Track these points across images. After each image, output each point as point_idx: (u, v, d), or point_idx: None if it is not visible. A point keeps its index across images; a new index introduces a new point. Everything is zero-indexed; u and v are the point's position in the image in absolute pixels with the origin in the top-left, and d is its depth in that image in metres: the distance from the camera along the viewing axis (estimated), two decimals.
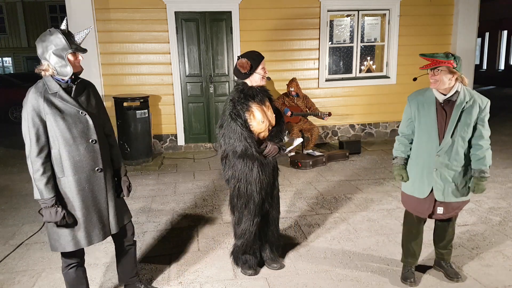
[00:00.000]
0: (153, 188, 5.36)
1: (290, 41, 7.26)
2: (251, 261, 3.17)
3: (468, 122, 2.66)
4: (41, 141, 2.29)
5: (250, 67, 2.86)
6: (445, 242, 3.02)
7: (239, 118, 2.81)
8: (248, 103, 2.87)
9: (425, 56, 2.66)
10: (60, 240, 2.41)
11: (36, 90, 2.30)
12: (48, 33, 2.32)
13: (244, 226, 3.03)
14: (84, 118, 2.38)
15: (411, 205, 2.93)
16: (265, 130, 2.95)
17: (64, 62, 2.31)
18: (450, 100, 2.68)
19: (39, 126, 2.28)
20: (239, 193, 2.97)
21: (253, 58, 2.90)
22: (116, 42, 6.66)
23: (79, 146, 2.36)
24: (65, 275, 2.58)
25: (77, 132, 2.35)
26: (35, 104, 2.27)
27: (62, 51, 2.30)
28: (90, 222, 2.44)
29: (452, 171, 2.75)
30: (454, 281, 2.98)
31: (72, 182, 2.37)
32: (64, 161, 2.34)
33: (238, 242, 3.13)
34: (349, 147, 6.76)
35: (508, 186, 5.08)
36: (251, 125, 2.87)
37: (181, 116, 7.26)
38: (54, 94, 2.32)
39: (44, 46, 2.32)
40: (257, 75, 2.91)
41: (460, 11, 7.52)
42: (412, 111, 2.82)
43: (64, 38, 2.30)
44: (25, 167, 6.41)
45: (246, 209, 2.99)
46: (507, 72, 18.68)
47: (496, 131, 8.34)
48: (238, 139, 2.79)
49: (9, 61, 22.99)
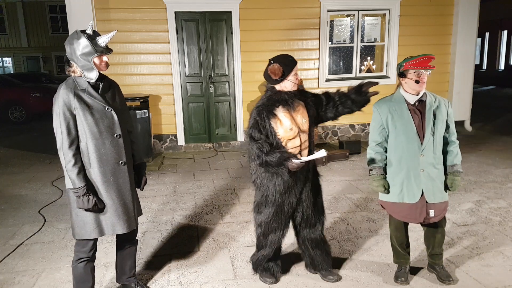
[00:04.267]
0: (153, 188, 5.36)
1: (290, 41, 7.26)
2: (273, 268, 3.05)
3: (442, 119, 2.76)
4: (72, 134, 2.41)
5: (282, 74, 2.64)
6: (436, 249, 3.00)
7: (263, 129, 2.64)
8: (274, 110, 2.66)
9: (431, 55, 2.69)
10: (86, 228, 2.52)
11: (67, 86, 2.42)
12: (75, 36, 2.40)
13: (272, 237, 2.87)
14: (110, 113, 2.51)
15: (402, 213, 2.85)
16: (295, 137, 2.71)
17: (90, 66, 2.42)
18: (421, 100, 2.76)
19: (70, 119, 2.40)
20: (266, 201, 2.81)
21: (286, 64, 2.66)
22: (116, 42, 6.66)
23: (105, 140, 2.49)
24: (74, 268, 2.63)
25: (103, 126, 2.48)
26: (66, 99, 2.38)
27: (88, 55, 2.39)
28: (115, 212, 2.56)
29: (436, 169, 2.78)
30: (446, 284, 2.97)
31: (97, 173, 2.49)
32: (91, 154, 2.46)
33: (265, 252, 2.95)
34: (349, 147, 6.76)
35: (508, 186, 5.08)
36: (277, 132, 2.66)
37: (181, 116, 7.26)
38: (83, 90, 2.44)
39: (72, 48, 2.40)
40: (288, 83, 2.69)
41: (460, 11, 7.52)
42: (383, 118, 2.80)
43: (90, 43, 2.38)
44: (25, 167, 6.42)
45: (273, 219, 2.82)
46: (507, 72, 18.68)
47: (496, 131, 8.34)
48: (256, 154, 2.64)
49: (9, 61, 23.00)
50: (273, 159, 2.58)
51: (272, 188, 2.75)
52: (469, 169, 5.76)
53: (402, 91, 2.81)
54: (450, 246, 3.54)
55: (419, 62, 2.65)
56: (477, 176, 5.47)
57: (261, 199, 2.84)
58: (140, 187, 2.82)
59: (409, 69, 2.69)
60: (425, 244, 3.09)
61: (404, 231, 2.98)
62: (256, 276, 3.15)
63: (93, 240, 2.60)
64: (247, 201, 4.77)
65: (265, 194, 2.79)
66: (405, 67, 2.71)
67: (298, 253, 3.49)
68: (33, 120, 11.55)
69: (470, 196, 4.73)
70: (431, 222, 2.85)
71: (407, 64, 2.69)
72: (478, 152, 6.71)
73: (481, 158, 6.35)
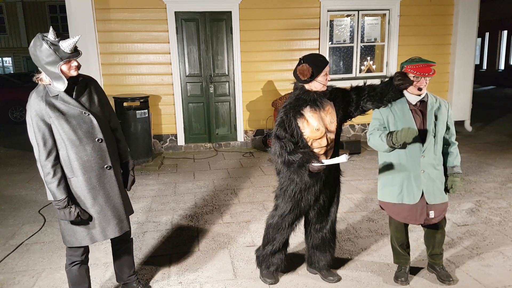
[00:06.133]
0: (153, 188, 5.36)
1: (290, 41, 7.26)
2: (277, 265, 3.01)
3: (443, 120, 2.76)
4: (48, 145, 2.29)
5: (311, 74, 2.58)
6: (437, 249, 3.00)
7: (288, 128, 2.61)
8: (301, 109, 2.62)
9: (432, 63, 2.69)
10: (76, 235, 2.46)
11: (37, 94, 2.28)
12: (38, 43, 2.19)
13: (282, 231, 2.89)
14: (88, 118, 2.38)
15: (401, 214, 2.84)
16: (322, 137, 2.67)
17: (57, 74, 2.24)
18: (423, 101, 2.76)
19: (45, 130, 2.27)
20: (285, 195, 2.80)
21: (316, 64, 2.59)
22: (116, 42, 6.66)
23: (85, 146, 2.37)
24: (68, 272, 2.60)
25: (82, 133, 2.35)
26: (37, 109, 2.25)
27: (53, 63, 2.20)
28: (104, 217, 2.49)
29: (436, 170, 2.77)
30: (446, 284, 2.97)
31: (82, 181, 2.39)
32: (73, 162, 2.36)
33: (271, 247, 2.95)
34: (349, 147, 6.76)
35: (508, 186, 5.08)
36: (304, 132, 2.63)
37: (181, 116, 7.26)
38: (55, 97, 2.30)
39: (36, 56, 2.21)
40: (317, 84, 2.62)
41: (460, 11, 7.52)
42: (384, 117, 2.80)
43: (52, 51, 2.17)
44: (25, 167, 6.42)
45: (288, 213, 2.82)
46: (507, 72, 18.68)
47: (496, 131, 8.34)
48: (279, 152, 2.61)
49: (9, 61, 23.00)
50: (295, 159, 2.55)
51: (293, 183, 2.73)
52: (469, 169, 5.76)
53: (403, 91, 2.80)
54: (450, 246, 3.54)
55: (419, 68, 2.65)
56: (477, 176, 5.47)
57: (280, 192, 2.84)
58: (127, 186, 2.72)
59: (409, 73, 2.70)
60: (425, 244, 3.09)
61: (404, 231, 2.98)
62: (256, 276, 3.15)
63: (85, 245, 2.54)
64: (247, 201, 4.77)
65: (285, 188, 2.79)
66: (406, 70, 2.71)
67: (299, 253, 3.50)
68: None
69: (470, 196, 4.73)
70: (431, 223, 2.85)
71: (408, 67, 2.70)
72: (478, 152, 6.71)
73: (481, 158, 6.35)
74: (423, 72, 2.64)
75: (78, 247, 2.52)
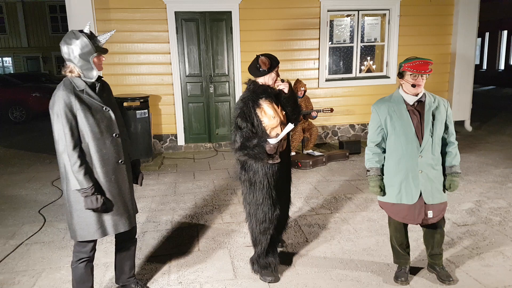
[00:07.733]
0: (153, 188, 5.36)
1: (290, 41, 7.26)
2: (273, 264, 3.09)
3: (441, 120, 2.76)
4: (75, 135, 2.41)
5: (270, 66, 2.93)
6: (436, 249, 3.00)
7: (248, 118, 2.86)
8: (258, 100, 2.92)
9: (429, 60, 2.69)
10: (89, 229, 2.52)
11: (66, 87, 2.41)
12: (73, 36, 2.39)
13: (265, 224, 3.00)
14: (108, 113, 2.53)
15: (400, 214, 2.85)
16: (277, 125, 2.95)
17: (89, 65, 2.43)
18: (420, 101, 2.76)
19: (72, 121, 2.39)
20: (255, 188, 2.96)
21: (273, 59, 3.00)
22: (116, 42, 6.65)
23: (105, 140, 2.51)
24: (75, 269, 2.63)
25: (103, 126, 2.50)
26: (67, 100, 2.37)
27: (88, 54, 2.40)
28: (117, 211, 2.58)
29: (434, 170, 2.78)
30: (446, 284, 2.97)
31: (100, 173, 2.50)
32: (93, 154, 2.47)
33: (261, 246, 3.05)
34: (349, 147, 6.76)
35: (508, 186, 5.08)
36: (263, 120, 2.89)
37: (181, 116, 7.26)
38: (81, 91, 2.44)
39: (70, 48, 2.39)
40: (270, 79, 2.99)
41: (460, 11, 7.52)
42: (382, 119, 2.81)
43: (90, 42, 2.39)
44: (25, 167, 6.42)
45: (264, 202, 2.97)
46: (507, 72, 18.68)
47: (496, 131, 8.34)
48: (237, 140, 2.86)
49: (9, 61, 23.00)
50: (252, 142, 2.79)
51: (261, 171, 2.92)
52: (469, 169, 5.76)
53: (401, 91, 2.81)
54: (450, 246, 3.54)
55: (416, 65, 2.66)
56: (477, 176, 5.48)
57: (250, 187, 2.98)
58: (138, 182, 2.86)
59: (406, 71, 2.70)
60: (424, 244, 3.09)
61: (403, 231, 2.98)
62: (256, 276, 3.16)
63: (94, 241, 2.60)
64: None
65: (253, 180, 2.94)
66: (404, 68, 2.72)
67: (299, 253, 3.50)
68: (33, 120, 11.55)
69: (470, 196, 4.73)
70: (429, 223, 2.85)
71: (405, 66, 2.71)
72: (478, 152, 6.71)
73: (481, 158, 6.35)
74: (420, 69, 2.65)
75: (88, 241, 2.57)
